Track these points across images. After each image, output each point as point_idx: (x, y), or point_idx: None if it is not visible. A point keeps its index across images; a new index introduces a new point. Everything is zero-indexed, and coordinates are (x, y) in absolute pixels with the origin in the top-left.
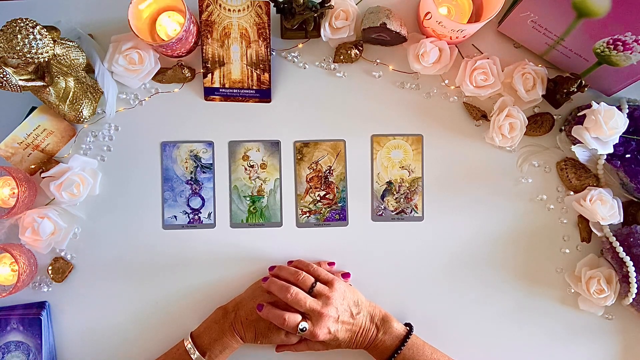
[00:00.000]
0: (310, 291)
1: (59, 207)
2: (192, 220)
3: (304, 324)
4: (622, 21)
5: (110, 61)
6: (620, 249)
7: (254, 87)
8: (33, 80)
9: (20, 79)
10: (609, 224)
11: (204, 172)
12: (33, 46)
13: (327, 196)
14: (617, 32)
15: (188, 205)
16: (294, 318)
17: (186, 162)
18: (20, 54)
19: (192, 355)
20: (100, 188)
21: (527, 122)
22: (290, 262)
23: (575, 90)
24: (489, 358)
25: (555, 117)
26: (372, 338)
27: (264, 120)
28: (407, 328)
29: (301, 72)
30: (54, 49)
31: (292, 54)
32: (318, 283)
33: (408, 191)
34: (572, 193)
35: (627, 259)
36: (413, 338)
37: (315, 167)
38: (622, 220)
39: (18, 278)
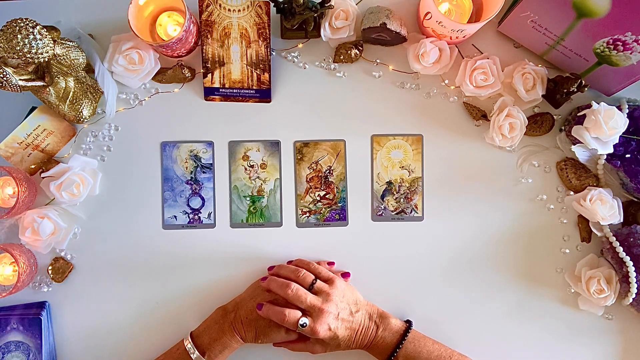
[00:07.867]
0: (311, 288)
1: (59, 207)
2: (192, 220)
3: (304, 320)
4: (622, 21)
5: (110, 61)
6: (620, 249)
7: (254, 87)
8: (33, 80)
9: (20, 79)
10: (609, 224)
11: (204, 172)
12: (33, 46)
13: (327, 196)
14: (617, 32)
15: (188, 205)
16: (294, 314)
17: (186, 162)
18: (20, 54)
19: (191, 355)
20: (100, 188)
21: (527, 122)
22: (290, 262)
23: (575, 90)
24: (489, 358)
25: (555, 117)
26: (372, 336)
27: (264, 120)
28: (406, 324)
29: (301, 72)
30: (54, 49)
31: (292, 54)
32: (318, 280)
33: (408, 191)
34: (572, 193)
35: (627, 259)
36: (413, 332)
37: (315, 167)
38: (622, 220)
39: (18, 278)
